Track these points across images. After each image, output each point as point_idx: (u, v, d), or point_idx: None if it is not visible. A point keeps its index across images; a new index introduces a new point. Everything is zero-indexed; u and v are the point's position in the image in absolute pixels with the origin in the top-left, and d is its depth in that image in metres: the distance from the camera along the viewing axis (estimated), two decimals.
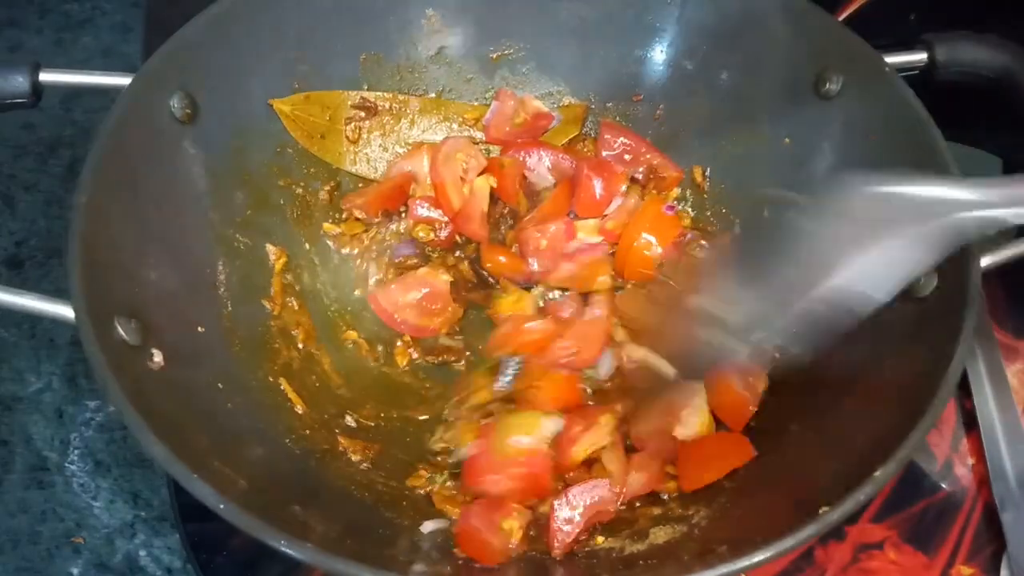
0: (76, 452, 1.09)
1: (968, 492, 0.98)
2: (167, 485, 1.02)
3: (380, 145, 1.10)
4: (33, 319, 1.12)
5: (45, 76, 0.89)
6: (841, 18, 1.22)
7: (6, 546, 1.02)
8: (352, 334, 1.03)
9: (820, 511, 0.68)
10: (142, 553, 1.03)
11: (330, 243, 1.05)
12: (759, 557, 0.66)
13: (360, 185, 1.08)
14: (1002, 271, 0.83)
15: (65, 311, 0.74)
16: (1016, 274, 0.79)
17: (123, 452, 1.09)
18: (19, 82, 0.87)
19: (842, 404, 0.85)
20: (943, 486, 0.98)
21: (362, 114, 1.08)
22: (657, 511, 0.86)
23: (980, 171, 1.18)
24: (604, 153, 1.08)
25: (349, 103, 1.06)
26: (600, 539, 0.82)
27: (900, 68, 0.93)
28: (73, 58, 1.42)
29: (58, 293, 0.75)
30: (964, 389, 1.03)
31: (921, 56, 0.95)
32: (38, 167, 1.29)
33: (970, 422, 1.01)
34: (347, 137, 1.07)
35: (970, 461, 1.00)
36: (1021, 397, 1.01)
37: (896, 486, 0.98)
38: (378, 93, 1.08)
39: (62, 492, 1.06)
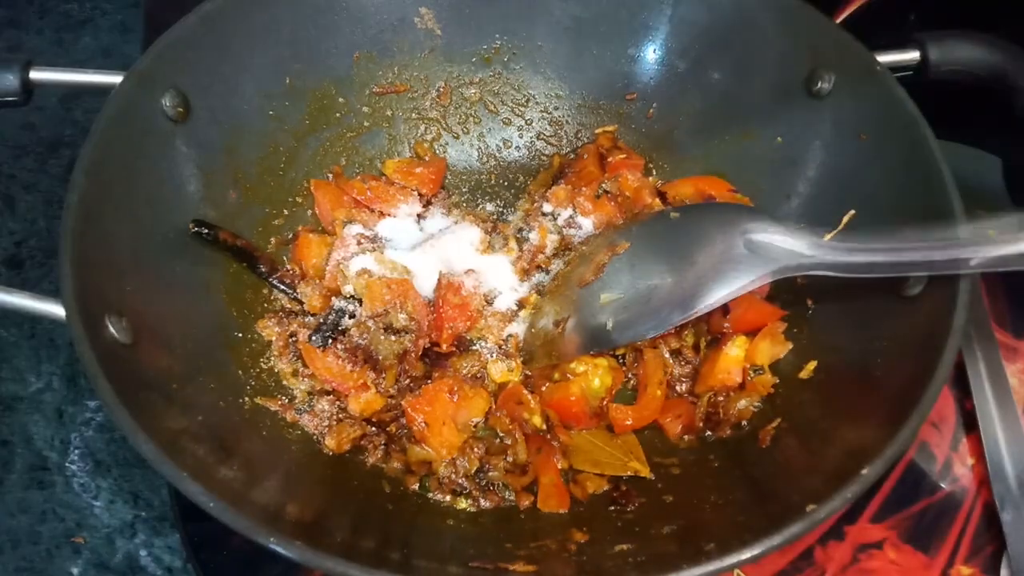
0: (76, 452, 1.09)
1: (968, 492, 0.98)
2: (167, 485, 1.02)
3: None
4: (33, 319, 1.12)
5: (36, 74, 0.88)
6: (840, 18, 1.22)
7: (6, 546, 1.02)
8: None
9: (808, 508, 0.68)
10: (142, 553, 1.03)
11: None
12: (747, 554, 0.66)
13: None
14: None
15: (58, 310, 0.74)
16: (1017, 273, 0.78)
17: (123, 452, 1.09)
18: (9, 80, 0.87)
19: (831, 403, 0.85)
20: (943, 486, 0.98)
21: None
22: (637, 509, 0.86)
23: (981, 171, 1.18)
24: None
25: None
26: (579, 535, 0.82)
27: (893, 67, 0.92)
28: (73, 58, 1.42)
29: (56, 293, 0.75)
30: (964, 389, 1.02)
31: (913, 55, 0.94)
32: (38, 167, 1.29)
33: (970, 422, 1.01)
34: None
35: (970, 461, 0.99)
36: (1021, 397, 1.01)
37: (896, 486, 0.97)
38: None
39: (62, 492, 1.06)
